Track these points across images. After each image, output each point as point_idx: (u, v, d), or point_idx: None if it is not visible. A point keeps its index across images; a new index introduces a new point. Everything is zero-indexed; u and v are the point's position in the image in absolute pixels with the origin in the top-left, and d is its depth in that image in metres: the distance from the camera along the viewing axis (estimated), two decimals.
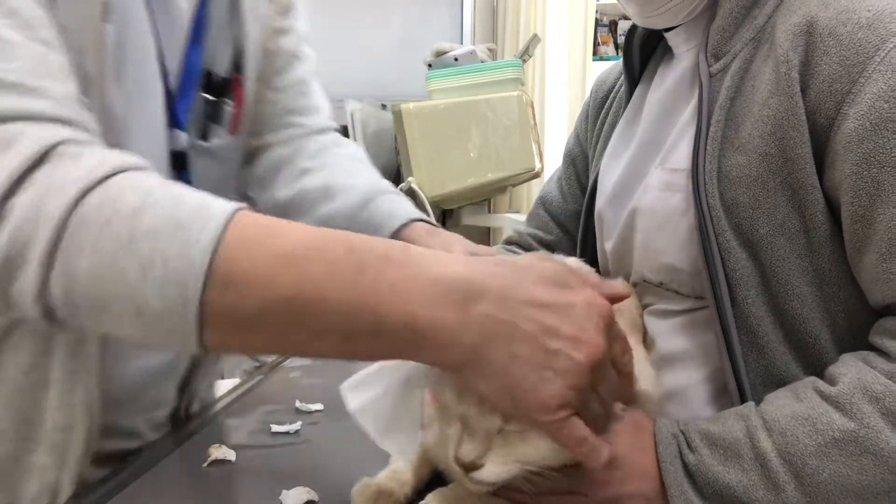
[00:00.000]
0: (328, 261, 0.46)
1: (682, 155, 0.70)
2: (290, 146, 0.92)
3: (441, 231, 0.81)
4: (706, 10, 0.72)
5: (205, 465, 0.73)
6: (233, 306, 0.45)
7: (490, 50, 2.15)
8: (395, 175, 2.08)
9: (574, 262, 0.78)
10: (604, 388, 0.52)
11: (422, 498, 0.61)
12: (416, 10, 2.41)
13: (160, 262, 0.44)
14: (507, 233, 2.00)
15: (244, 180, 0.92)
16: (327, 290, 0.45)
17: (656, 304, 0.75)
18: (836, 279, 0.63)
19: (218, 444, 0.76)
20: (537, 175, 1.95)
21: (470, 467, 0.53)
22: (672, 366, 0.72)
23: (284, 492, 0.65)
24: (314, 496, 0.65)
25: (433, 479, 0.65)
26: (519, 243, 0.99)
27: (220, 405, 0.92)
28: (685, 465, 0.58)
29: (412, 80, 2.23)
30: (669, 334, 0.73)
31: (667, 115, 0.76)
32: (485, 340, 0.47)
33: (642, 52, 0.84)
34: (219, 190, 0.53)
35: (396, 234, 0.79)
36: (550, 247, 0.96)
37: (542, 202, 0.99)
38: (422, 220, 0.81)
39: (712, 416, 0.64)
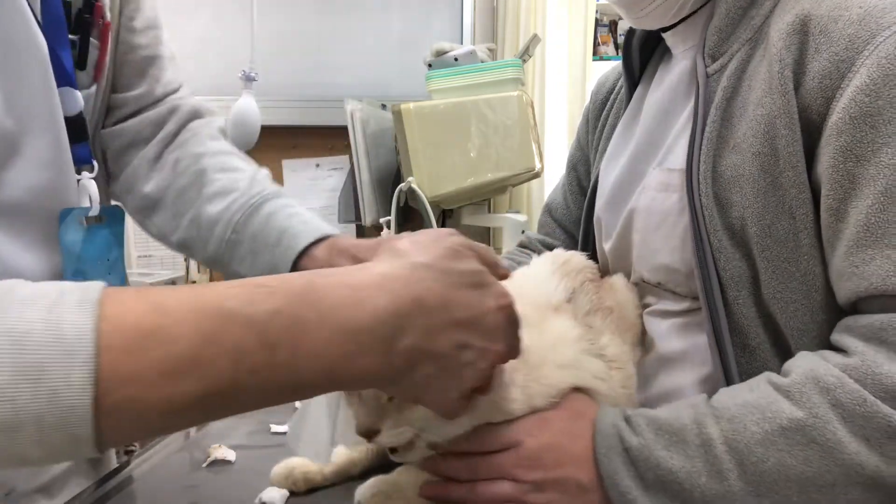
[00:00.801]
0: (232, 350, 0.40)
1: (679, 155, 0.70)
2: (145, 117, 0.80)
3: (344, 242, 0.72)
4: (704, 11, 0.72)
5: (205, 465, 0.74)
6: (134, 423, 0.38)
7: (490, 50, 2.15)
8: (396, 175, 2.08)
9: (569, 254, 0.78)
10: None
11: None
12: (416, 10, 2.40)
13: (29, 422, 0.36)
14: (508, 233, 2.02)
15: (100, 145, 0.79)
16: (240, 379, 0.40)
17: (655, 304, 0.75)
18: (823, 287, 0.61)
19: (218, 445, 0.76)
20: (537, 175, 1.94)
21: (369, 434, 0.56)
22: (670, 366, 0.72)
23: (262, 493, 0.65)
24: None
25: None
26: (529, 248, 1.00)
27: None
28: (627, 450, 0.57)
29: (412, 80, 2.22)
30: (668, 335, 0.73)
31: (665, 116, 0.76)
32: (407, 369, 0.46)
33: (642, 53, 0.84)
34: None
35: (303, 254, 0.72)
36: None
37: (549, 209, 1.01)
38: (321, 239, 0.72)
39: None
